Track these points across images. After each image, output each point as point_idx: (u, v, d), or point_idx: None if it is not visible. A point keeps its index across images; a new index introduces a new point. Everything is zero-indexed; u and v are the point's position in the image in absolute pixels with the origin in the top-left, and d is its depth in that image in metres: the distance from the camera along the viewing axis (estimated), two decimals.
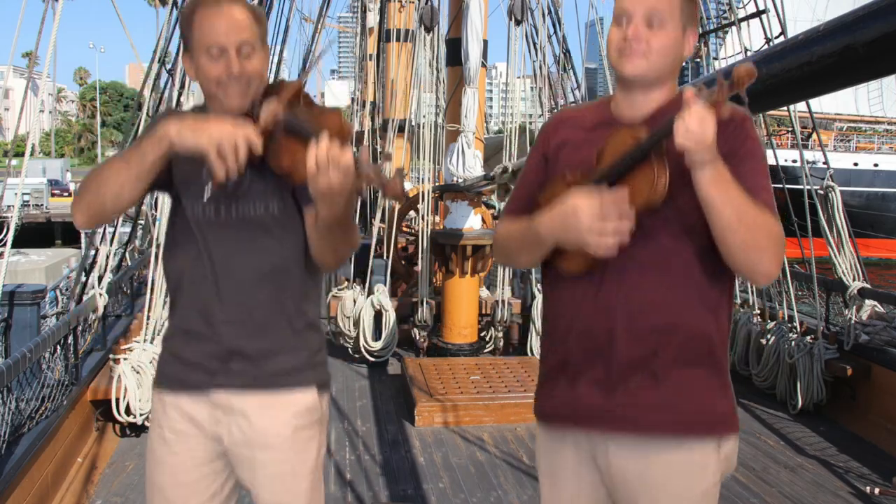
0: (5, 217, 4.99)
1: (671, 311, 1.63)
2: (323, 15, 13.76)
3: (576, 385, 1.70)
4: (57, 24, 4.07)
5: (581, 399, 1.69)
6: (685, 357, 1.64)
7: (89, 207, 1.81)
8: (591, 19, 10.54)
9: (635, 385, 1.64)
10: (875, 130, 35.55)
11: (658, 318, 1.62)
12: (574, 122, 1.81)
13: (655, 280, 1.62)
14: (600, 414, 1.67)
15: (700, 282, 1.64)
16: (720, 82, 1.44)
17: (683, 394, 1.64)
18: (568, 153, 1.75)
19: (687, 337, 1.63)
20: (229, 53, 1.71)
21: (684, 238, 1.62)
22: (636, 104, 1.69)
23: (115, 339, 5.22)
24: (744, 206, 1.51)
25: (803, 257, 6.31)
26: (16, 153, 9.58)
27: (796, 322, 5.87)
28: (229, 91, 1.74)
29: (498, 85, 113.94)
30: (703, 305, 1.65)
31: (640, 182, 1.56)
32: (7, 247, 4.51)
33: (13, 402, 3.33)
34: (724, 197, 1.50)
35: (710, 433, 1.67)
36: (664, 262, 1.63)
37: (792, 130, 12.59)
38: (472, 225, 6.84)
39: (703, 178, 1.49)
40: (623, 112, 1.71)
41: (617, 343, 1.63)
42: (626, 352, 1.63)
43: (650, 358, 1.63)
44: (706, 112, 1.45)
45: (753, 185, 1.57)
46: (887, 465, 4.56)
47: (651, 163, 1.55)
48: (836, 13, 1.48)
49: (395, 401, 5.75)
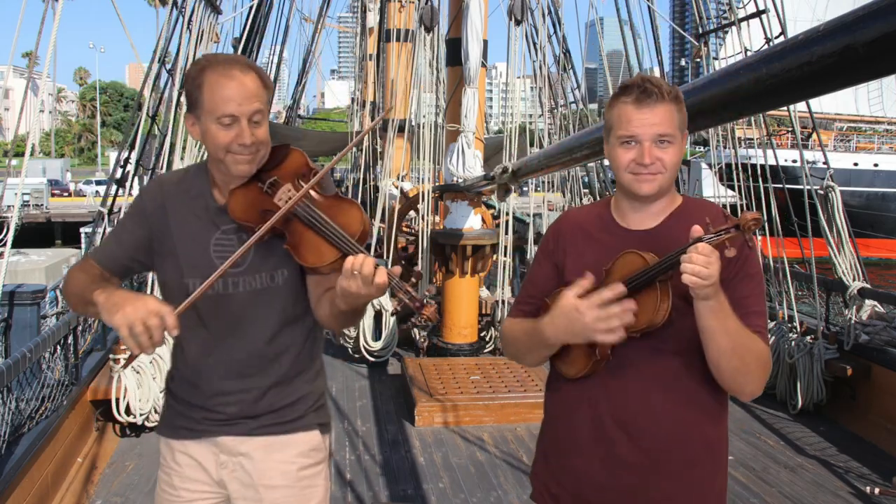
0: (5, 217, 4.98)
1: (675, 424, 1.71)
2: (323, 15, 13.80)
3: (580, 480, 1.78)
4: (57, 24, 4.07)
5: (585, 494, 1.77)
6: (687, 461, 1.73)
7: (73, 307, 1.95)
8: (591, 19, 10.55)
9: (640, 488, 1.72)
10: (875, 130, 35.54)
11: (662, 430, 1.71)
12: (579, 227, 1.87)
13: (659, 396, 1.71)
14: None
15: (700, 394, 1.72)
16: (728, 227, 1.53)
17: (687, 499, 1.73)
18: (574, 262, 1.81)
19: (690, 445, 1.72)
20: (241, 123, 1.72)
21: (685, 356, 1.69)
22: (644, 217, 1.77)
23: (115, 339, 5.21)
24: (738, 336, 1.61)
25: (803, 257, 6.31)
26: (16, 153, 9.59)
27: (796, 322, 5.87)
28: (238, 158, 1.75)
29: (498, 85, 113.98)
30: (704, 414, 1.74)
31: (644, 305, 1.64)
32: (7, 247, 4.51)
33: (13, 402, 3.34)
34: (721, 327, 1.59)
35: None
36: (666, 379, 1.71)
37: (792, 130, 12.60)
38: (472, 225, 6.83)
39: (704, 310, 1.58)
40: (630, 223, 1.78)
41: (619, 449, 1.72)
42: (631, 457, 1.71)
43: (654, 465, 1.71)
44: (711, 253, 1.52)
45: (748, 308, 1.67)
46: (887, 465, 4.56)
47: (655, 288, 1.64)
48: (836, 13, 1.47)
49: (395, 401, 5.75)
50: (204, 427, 1.89)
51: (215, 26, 6.36)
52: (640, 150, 1.67)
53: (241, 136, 1.71)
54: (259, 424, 1.88)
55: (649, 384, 1.70)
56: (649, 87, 1.66)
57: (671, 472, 1.71)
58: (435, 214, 7.58)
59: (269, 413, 1.88)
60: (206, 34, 6.13)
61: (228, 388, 1.86)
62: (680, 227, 1.66)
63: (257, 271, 1.83)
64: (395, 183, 8.92)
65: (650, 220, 1.76)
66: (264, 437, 1.88)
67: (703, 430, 1.73)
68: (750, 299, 1.68)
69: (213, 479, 1.91)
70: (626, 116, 1.68)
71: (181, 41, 6.14)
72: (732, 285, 1.64)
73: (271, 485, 1.87)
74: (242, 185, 1.80)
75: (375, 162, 12.77)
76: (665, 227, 1.74)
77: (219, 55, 1.83)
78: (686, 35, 10.05)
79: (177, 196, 1.87)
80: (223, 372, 1.86)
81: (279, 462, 1.88)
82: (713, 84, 1.91)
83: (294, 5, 10.42)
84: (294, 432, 1.90)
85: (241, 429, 1.88)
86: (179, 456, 1.92)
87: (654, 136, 1.66)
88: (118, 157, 6.80)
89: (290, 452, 1.89)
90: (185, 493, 1.92)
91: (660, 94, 1.66)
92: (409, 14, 10.52)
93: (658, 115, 1.66)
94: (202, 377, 1.87)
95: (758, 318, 1.68)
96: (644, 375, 1.70)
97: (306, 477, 1.91)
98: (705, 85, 1.94)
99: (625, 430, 1.71)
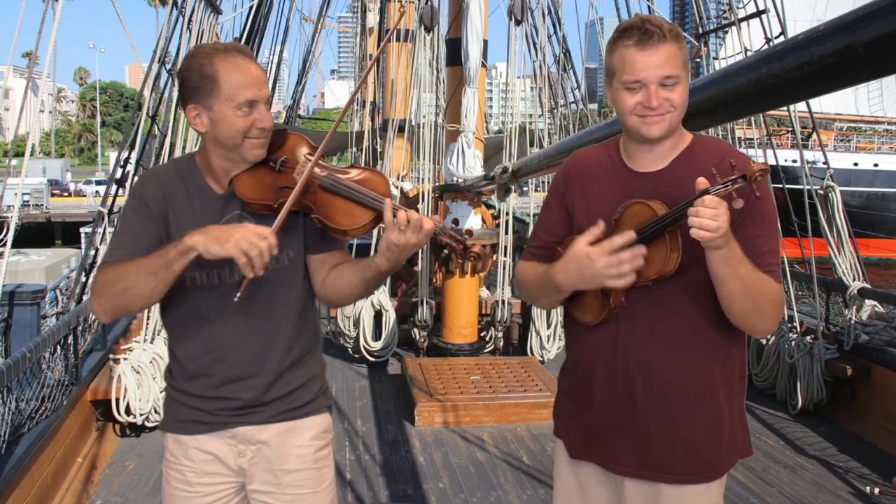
0: (5, 217, 4.98)
1: (682, 369, 1.74)
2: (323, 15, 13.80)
3: (595, 422, 1.82)
4: (57, 24, 4.07)
5: (600, 439, 1.82)
6: (695, 407, 1.75)
7: (115, 310, 1.80)
8: (591, 19, 10.56)
9: (650, 432, 1.76)
10: (875, 130, 35.53)
11: (669, 376, 1.74)
12: (588, 170, 1.86)
13: (670, 339, 1.73)
14: (616, 457, 1.81)
15: (711, 336, 1.74)
16: (735, 178, 1.51)
17: (694, 444, 1.76)
18: (584, 206, 1.82)
19: (696, 390, 1.75)
20: (260, 107, 1.76)
21: (697, 301, 1.70)
22: (653, 157, 1.75)
23: (115, 339, 5.21)
24: (750, 279, 1.61)
25: (803, 257, 6.31)
26: (16, 153, 9.59)
27: (796, 322, 5.86)
28: (255, 143, 1.79)
29: (498, 85, 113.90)
30: (713, 357, 1.75)
31: (654, 255, 1.65)
32: (7, 247, 4.52)
33: (13, 402, 3.33)
34: (733, 273, 1.59)
35: (717, 478, 1.80)
36: (678, 323, 1.73)
37: (792, 130, 12.59)
38: (472, 225, 6.83)
39: (715, 258, 1.58)
40: (638, 165, 1.77)
41: (635, 391, 1.75)
42: (643, 400, 1.75)
43: (662, 405, 1.75)
44: (719, 205, 1.51)
45: (759, 248, 1.67)
46: (887, 465, 4.56)
47: (665, 239, 1.65)
48: (836, 13, 1.47)
49: (395, 401, 5.75)
50: (219, 419, 1.89)
51: (215, 26, 6.36)
52: (647, 94, 1.65)
53: (260, 121, 1.76)
54: (275, 411, 1.90)
55: (661, 329, 1.73)
56: (650, 27, 1.63)
57: (679, 412, 1.74)
58: (435, 214, 7.58)
59: (281, 398, 1.90)
60: (206, 34, 6.12)
61: (245, 372, 1.87)
62: (690, 168, 1.67)
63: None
64: (395, 183, 8.91)
65: (659, 160, 1.75)
66: (280, 423, 1.91)
67: (712, 371, 1.75)
68: (761, 239, 1.68)
69: (232, 470, 1.92)
70: (629, 60, 1.65)
71: (181, 41, 6.14)
72: (744, 225, 1.64)
73: (290, 469, 1.91)
74: (247, 170, 1.82)
75: (375, 162, 12.77)
76: (674, 167, 1.74)
77: (216, 44, 1.85)
78: (686, 35, 10.04)
79: (174, 190, 1.87)
80: (242, 355, 1.86)
81: (296, 447, 1.92)
82: (713, 84, 1.91)
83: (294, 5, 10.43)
84: (307, 416, 1.95)
85: (257, 417, 1.89)
86: (193, 452, 1.90)
87: (660, 78, 1.64)
88: (118, 157, 6.80)
89: (306, 436, 1.94)
90: (203, 487, 1.91)
91: (661, 34, 1.63)
92: (408, 14, 10.52)
93: (662, 56, 1.63)
94: (218, 364, 1.86)
95: (770, 256, 1.69)
96: (656, 320, 1.72)
97: (321, 458, 1.97)
98: (705, 85, 1.94)
99: (638, 371, 1.74)
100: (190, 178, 1.87)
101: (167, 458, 1.96)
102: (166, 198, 1.85)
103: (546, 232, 1.91)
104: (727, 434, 1.78)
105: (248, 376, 1.87)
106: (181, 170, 1.90)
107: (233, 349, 1.86)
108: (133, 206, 1.87)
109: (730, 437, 1.79)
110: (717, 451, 1.78)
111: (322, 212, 1.80)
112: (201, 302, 1.85)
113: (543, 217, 1.95)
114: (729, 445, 1.80)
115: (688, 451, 1.76)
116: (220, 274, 1.83)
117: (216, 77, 1.73)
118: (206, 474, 1.91)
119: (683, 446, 1.75)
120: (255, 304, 1.84)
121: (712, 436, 1.77)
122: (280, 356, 1.88)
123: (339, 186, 1.79)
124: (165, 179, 1.89)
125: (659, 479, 1.77)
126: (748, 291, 1.61)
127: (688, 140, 1.77)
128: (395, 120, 8.37)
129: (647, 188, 1.72)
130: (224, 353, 1.86)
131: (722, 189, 1.51)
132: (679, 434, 1.75)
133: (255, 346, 1.87)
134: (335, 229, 1.81)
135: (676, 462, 1.76)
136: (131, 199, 1.90)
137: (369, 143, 13.31)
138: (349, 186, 1.79)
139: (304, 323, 1.95)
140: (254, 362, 1.87)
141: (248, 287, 1.75)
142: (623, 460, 1.80)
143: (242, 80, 1.74)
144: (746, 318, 1.66)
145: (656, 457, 1.76)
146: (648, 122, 1.67)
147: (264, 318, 1.87)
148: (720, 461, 1.80)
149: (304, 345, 1.95)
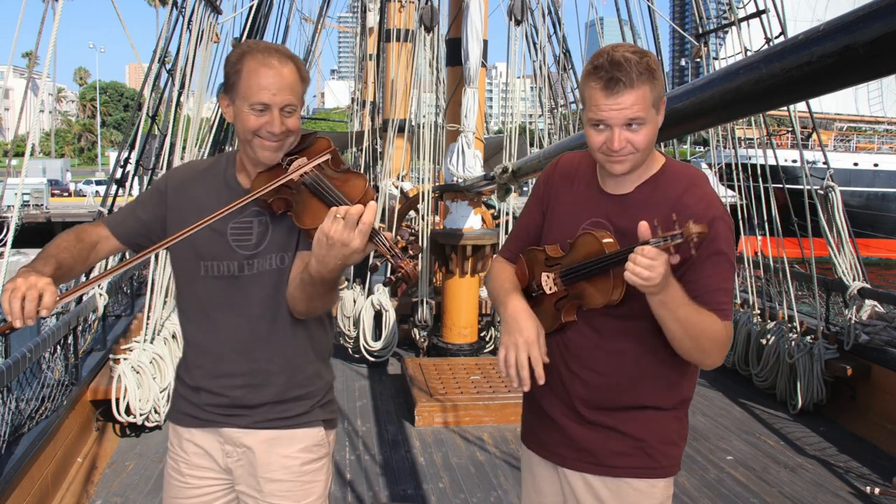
0: (5, 217, 4.99)
1: (632, 391, 1.80)
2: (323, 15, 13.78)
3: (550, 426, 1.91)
4: (57, 24, 4.07)
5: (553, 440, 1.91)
6: (635, 412, 1.83)
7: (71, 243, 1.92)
8: (591, 19, 10.54)
9: (597, 434, 1.83)
10: (875, 130, 35.51)
11: (619, 400, 1.81)
12: (568, 176, 1.92)
13: (620, 347, 1.79)
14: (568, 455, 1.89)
15: (655, 360, 1.79)
16: (674, 234, 1.54)
17: (634, 440, 1.82)
18: (554, 213, 1.90)
19: (636, 400, 1.82)
20: (273, 112, 1.76)
21: (648, 320, 1.72)
22: (620, 182, 1.81)
23: (115, 339, 5.22)
24: (690, 320, 1.65)
25: (803, 257, 6.31)
26: (16, 153, 9.59)
27: (796, 322, 5.87)
28: (266, 144, 1.79)
29: (498, 85, 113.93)
30: (663, 383, 1.81)
31: (598, 287, 1.73)
32: (7, 247, 4.51)
33: (13, 402, 3.34)
34: (671, 315, 1.63)
35: (660, 476, 1.86)
36: (628, 336, 1.78)
37: (792, 130, 12.59)
38: (472, 225, 6.84)
39: (653, 302, 1.63)
40: (607, 187, 1.83)
41: (581, 409, 1.84)
42: (591, 414, 1.83)
43: (600, 411, 1.83)
44: (657, 256, 1.54)
45: (709, 286, 1.70)
46: (887, 465, 4.56)
47: (609, 276, 1.70)
48: (836, 13, 1.47)
49: (395, 401, 5.75)
50: (209, 416, 1.91)
51: (215, 26, 6.35)
52: (611, 136, 1.67)
53: (270, 124, 1.76)
54: (263, 417, 1.89)
55: (611, 340, 1.79)
56: (617, 74, 1.62)
57: (619, 417, 1.81)
58: (435, 214, 7.57)
59: (270, 404, 1.89)
60: (206, 34, 6.12)
61: (234, 368, 1.87)
62: (652, 198, 1.74)
63: (270, 253, 1.85)
64: (395, 183, 8.91)
65: (625, 185, 1.80)
66: (267, 430, 1.90)
67: (655, 384, 1.80)
68: (712, 279, 1.70)
69: (220, 467, 1.94)
70: (594, 100, 1.67)
71: (181, 41, 6.14)
72: (696, 265, 1.68)
73: (273, 478, 1.89)
74: (268, 168, 1.84)
75: (375, 162, 12.77)
76: (638, 193, 1.78)
77: (261, 43, 1.85)
78: (686, 35, 10.04)
79: (201, 179, 1.93)
80: (228, 350, 1.87)
81: (281, 456, 1.90)
82: (713, 84, 1.91)
83: (294, 5, 10.41)
84: (298, 427, 1.92)
85: (244, 420, 1.89)
86: (186, 444, 1.95)
87: (623, 121, 1.65)
88: (118, 157, 6.81)
89: (294, 447, 1.91)
90: (193, 479, 1.94)
91: (628, 82, 1.62)
92: (408, 14, 10.52)
93: (628, 101, 1.64)
94: (208, 356, 1.89)
95: (720, 295, 1.70)
96: (607, 333, 1.79)
97: (308, 472, 1.93)
98: (705, 85, 1.94)
99: (583, 377, 1.81)
100: (222, 172, 1.93)
101: (168, 446, 2.01)
102: (187, 182, 1.94)
103: (523, 231, 1.97)
104: (666, 435, 1.84)
105: (238, 373, 1.87)
106: (219, 162, 1.97)
107: (223, 342, 1.87)
108: (155, 182, 1.99)
109: (667, 438, 1.84)
110: (656, 448, 1.83)
111: (295, 210, 1.81)
112: (203, 292, 1.88)
113: (523, 217, 2.00)
114: (667, 443, 1.84)
115: (627, 448, 1.81)
116: (219, 266, 1.86)
117: (240, 73, 1.77)
118: (197, 468, 1.94)
119: (621, 443, 1.82)
120: (253, 299, 1.85)
121: (651, 434, 1.82)
122: (268, 357, 1.87)
123: (316, 186, 1.78)
124: (198, 167, 1.99)
125: (594, 471, 1.83)
126: (688, 331, 1.65)
127: (658, 165, 1.80)
128: (396, 120, 8.37)
129: (614, 209, 1.78)
130: (216, 346, 1.88)
131: (662, 242, 1.54)
132: (618, 432, 1.82)
133: (246, 342, 1.87)
134: (302, 229, 1.81)
135: (613, 456, 1.82)
136: (153, 182, 2.01)
137: (369, 143, 13.32)
138: (324, 187, 1.77)
139: (305, 330, 1.91)
140: (242, 359, 1.87)
141: (247, 282, 1.78)
142: (560, 452, 1.88)
143: (261, 81, 1.75)
144: (688, 354, 1.72)
145: (593, 450, 1.83)
146: (612, 160, 1.71)
147: (259, 316, 1.86)
148: (659, 459, 1.83)
149: (303, 353, 1.92)
